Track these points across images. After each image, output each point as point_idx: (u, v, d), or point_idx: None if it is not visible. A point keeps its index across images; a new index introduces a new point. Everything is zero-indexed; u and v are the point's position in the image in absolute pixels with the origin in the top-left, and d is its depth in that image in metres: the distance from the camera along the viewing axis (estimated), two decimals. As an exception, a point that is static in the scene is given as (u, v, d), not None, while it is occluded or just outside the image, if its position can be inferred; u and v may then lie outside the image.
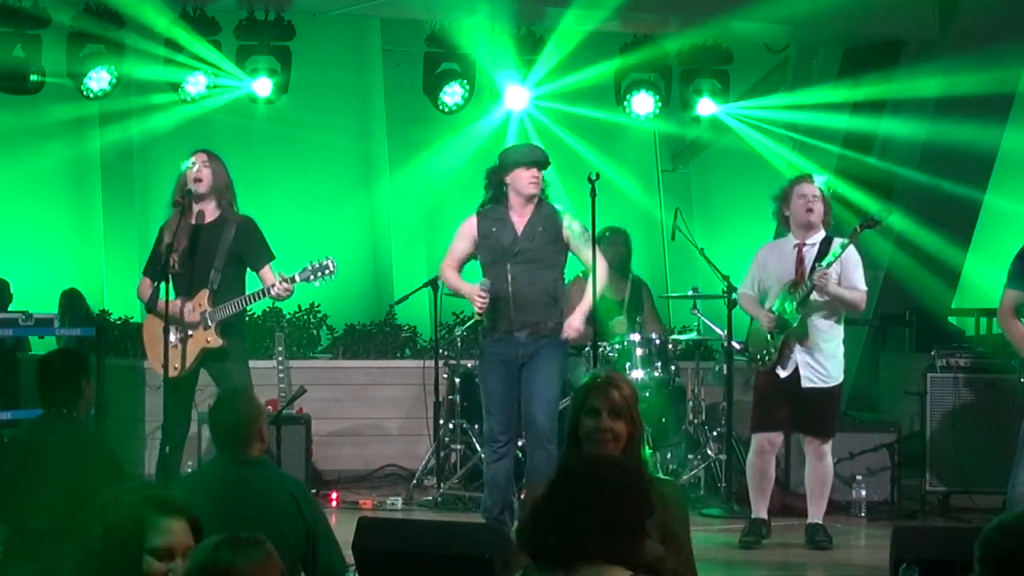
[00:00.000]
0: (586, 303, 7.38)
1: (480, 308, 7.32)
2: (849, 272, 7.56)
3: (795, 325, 7.51)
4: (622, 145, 11.64)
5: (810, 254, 7.58)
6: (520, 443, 7.75)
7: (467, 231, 7.52)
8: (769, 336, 7.60)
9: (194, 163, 7.54)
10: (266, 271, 7.54)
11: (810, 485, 7.71)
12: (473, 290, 7.35)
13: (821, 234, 7.64)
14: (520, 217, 7.38)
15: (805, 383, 7.54)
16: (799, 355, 7.56)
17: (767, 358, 7.61)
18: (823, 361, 7.57)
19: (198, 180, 7.49)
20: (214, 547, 2.91)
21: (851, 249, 7.57)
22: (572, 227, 7.37)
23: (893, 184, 10.91)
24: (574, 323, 7.34)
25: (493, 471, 7.46)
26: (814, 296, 7.51)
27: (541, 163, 7.41)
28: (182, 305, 7.44)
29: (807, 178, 7.78)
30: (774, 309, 7.60)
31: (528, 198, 7.35)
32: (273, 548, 2.96)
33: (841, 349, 7.67)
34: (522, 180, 7.33)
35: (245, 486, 4.81)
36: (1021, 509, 2.97)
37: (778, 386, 7.60)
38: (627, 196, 11.44)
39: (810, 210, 7.57)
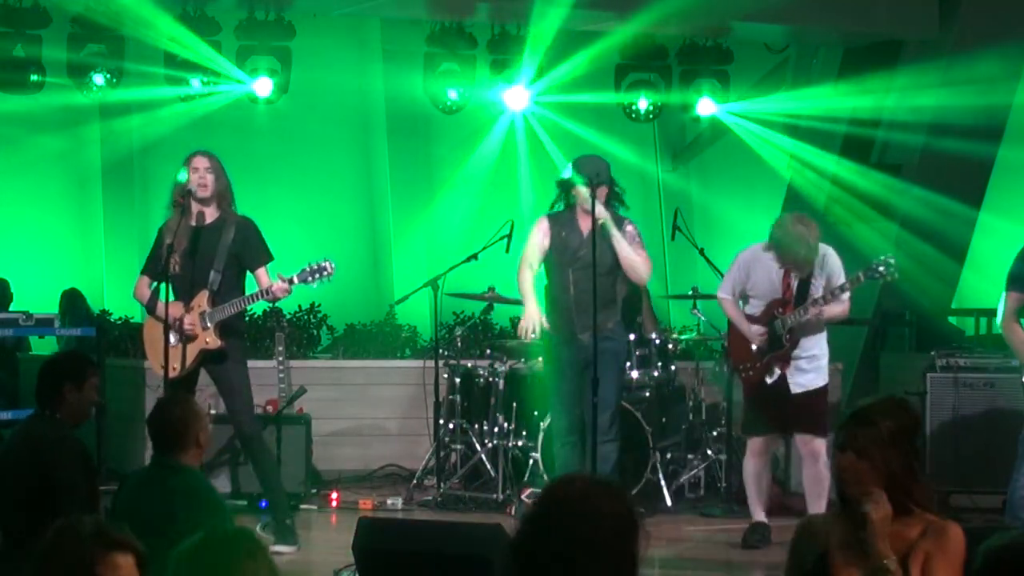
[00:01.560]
0: (623, 240, 7.70)
1: (522, 335, 7.92)
2: (834, 282, 7.55)
3: (784, 348, 7.52)
4: (622, 145, 11.64)
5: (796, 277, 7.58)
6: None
7: (541, 232, 7.92)
8: (754, 348, 7.60)
9: (196, 167, 7.53)
10: (262, 272, 7.53)
11: (808, 485, 7.70)
12: (531, 318, 7.81)
13: None
14: (586, 224, 7.77)
15: (795, 388, 7.55)
16: (784, 365, 7.57)
17: (750, 371, 7.63)
18: (806, 367, 7.57)
19: (203, 185, 7.48)
20: (200, 544, 2.94)
21: (834, 257, 7.55)
22: (626, 229, 7.78)
23: (893, 184, 10.91)
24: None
25: (565, 456, 7.93)
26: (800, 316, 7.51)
27: (599, 181, 7.68)
28: (183, 306, 7.45)
29: (796, 248, 7.41)
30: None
31: (589, 211, 7.72)
32: (264, 546, 2.99)
33: (827, 352, 7.66)
34: (581, 195, 7.74)
35: (149, 488, 4.84)
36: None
37: (766, 390, 7.60)
38: (627, 196, 11.41)
39: (796, 275, 7.55)
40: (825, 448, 7.69)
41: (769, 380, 7.59)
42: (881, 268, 7.37)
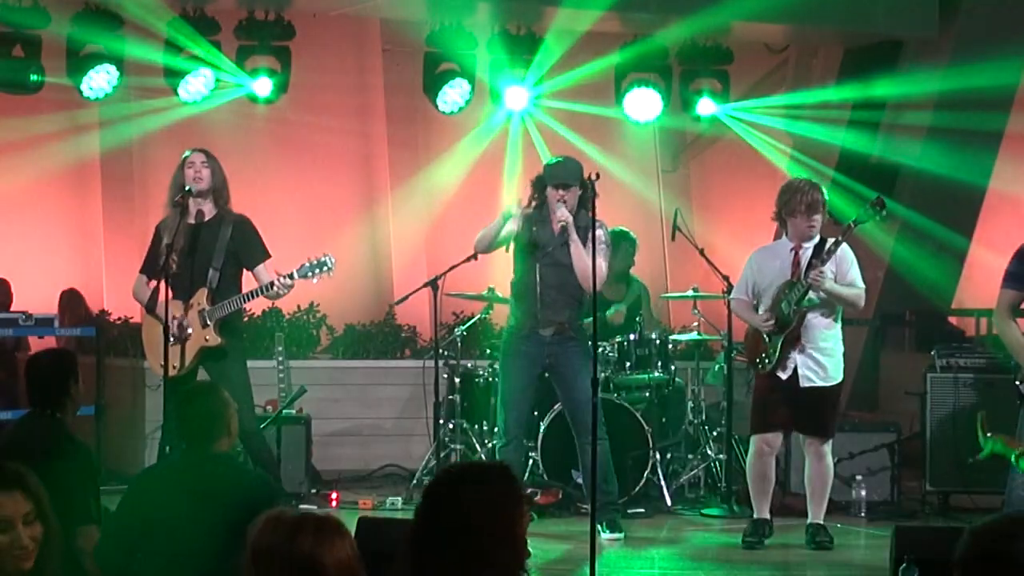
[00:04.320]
0: (581, 247, 7.64)
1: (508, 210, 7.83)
2: (844, 270, 7.55)
3: (793, 325, 7.50)
4: (622, 145, 11.64)
5: (806, 256, 7.58)
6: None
7: (516, 221, 7.89)
8: (767, 339, 7.59)
9: (192, 162, 7.54)
10: (260, 269, 7.54)
11: (810, 485, 7.70)
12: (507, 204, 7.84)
13: (817, 236, 7.64)
14: (558, 223, 7.75)
15: (804, 383, 7.52)
16: (798, 356, 7.54)
17: (767, 361, 7.60)
18: (821, 360, 7.56)
19: (198, 180, 7.50)
20: (291, 533, 2.96)
21: (844, 247, 7.56)
22: (599, 234, 7.62)
23: (894, 184, 10.91)
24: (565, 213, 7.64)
25: (503, 456, 7.86)
26: (811, 295, 7.49)
27: (566, 185, 7.72)
28: (182, 305, 7.45)
29: (812, 191, 7.56)
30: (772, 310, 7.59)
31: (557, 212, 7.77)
32: (349, 532, 3.01)
33: (840, 348, 7.66)
34: (550, 199, 7.76)
35: (214, 481, 4.77)
36: (1000, 515, 2.90)
37: (777, 388, 7.58)
38: (627, 196, 11.44)
39: (812, 227, 7.56)
40: (830, 448, 7.69)
41: (783, 375, 7.56)
42: (869, 210, 7.46)
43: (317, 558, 2.95)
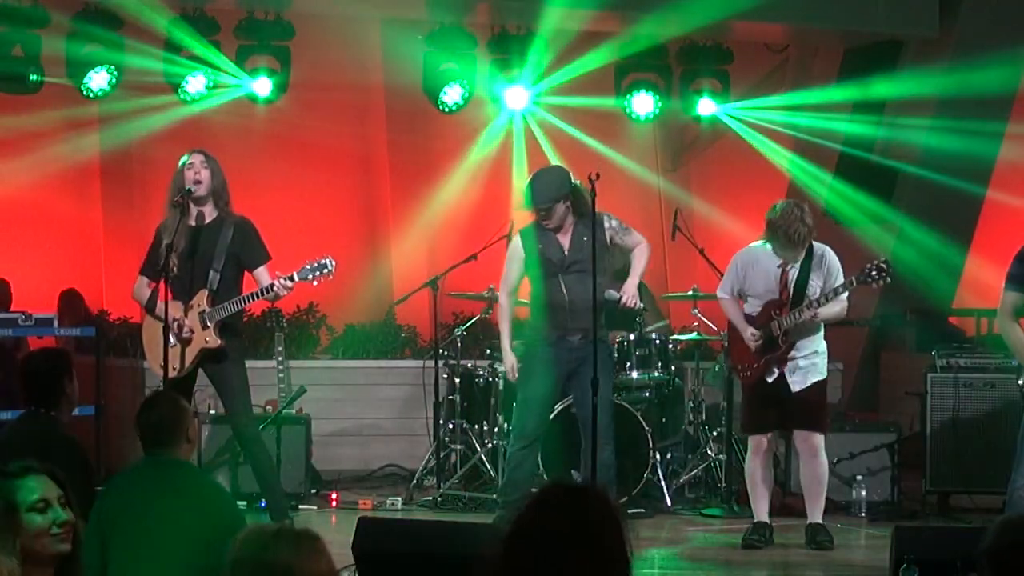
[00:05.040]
0: (638, 269, 7.89)
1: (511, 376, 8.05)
2: (831, 282, 7.54)
3: (781, 350, 7.51)
4: (623, 145, 11.64)
5: (794, 273, 7.56)
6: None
7: (515, 253, 7.93)
8: (752, 350, 7.59)
9: (191, 163, 7.53)
10: (261, 271, 7.53)
11: (807, 484, 7.69)
12: (508, 363, 7.97)
13: (803, 253, 7.60)
14: (563, 234, 7.78)
15: (794, 387, 7.54)
16: (781, 365, 7.56)
17: (748, 371, 7.63)
18: (804, 365, 7.56)
19: (198, 181, 7.49)
20: (269, 544, 2.93)
21: (832, 256, 7.56)
22: (611, 224, 7.75)
23: (893, 184, 10.90)
24: (630, 289, 7.80)
25: (519, 458, 7.82)
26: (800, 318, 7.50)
27: (546, 209, 7.71)
28: (182, 306, 7.45)
29: (796, 224, 7.40)
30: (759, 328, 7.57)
31: (552, 229, 7.81)
32: (327, 547, 2.98)
33: (824, 349, 7.65)
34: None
35: (167, 487, 4.76)
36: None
37: (765, 388, 7.59)
38: (628, 195, 11.43)
39: (797, 256, 7.51)
40: (823, 444, 7.68)
41: (769, 379, 7.59)
42: (874, 273, 7.36)
43: (295, 569, 2.91)
